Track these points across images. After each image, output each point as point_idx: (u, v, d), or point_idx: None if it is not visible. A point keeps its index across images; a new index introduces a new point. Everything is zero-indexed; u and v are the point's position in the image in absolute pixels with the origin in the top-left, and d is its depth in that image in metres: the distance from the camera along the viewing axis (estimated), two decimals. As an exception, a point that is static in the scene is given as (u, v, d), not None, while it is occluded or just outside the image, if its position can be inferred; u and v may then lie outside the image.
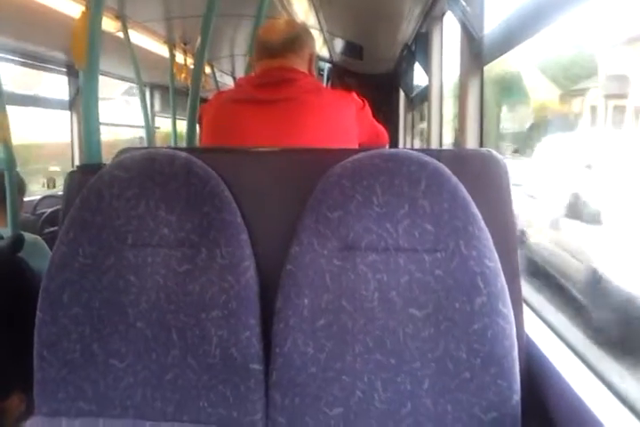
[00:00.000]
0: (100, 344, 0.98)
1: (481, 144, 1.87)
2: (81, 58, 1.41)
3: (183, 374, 0.97)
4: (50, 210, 3.49)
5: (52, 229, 3.25)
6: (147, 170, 1.00)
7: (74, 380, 0.99)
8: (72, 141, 4.17)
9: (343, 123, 1.44)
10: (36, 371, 0.99)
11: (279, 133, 1.37)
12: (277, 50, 1.48)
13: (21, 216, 2.26)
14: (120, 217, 0.99)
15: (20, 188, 2.19)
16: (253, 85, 1.46)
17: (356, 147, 1.45)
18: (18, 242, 1.86)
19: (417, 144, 4.73)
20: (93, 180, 1.00)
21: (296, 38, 1.52)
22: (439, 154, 1.00)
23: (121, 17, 3.11)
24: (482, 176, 1.01)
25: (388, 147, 1.61)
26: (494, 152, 1.03)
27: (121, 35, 3.22)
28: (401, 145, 4.76)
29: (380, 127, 1.63)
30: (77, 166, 1.18)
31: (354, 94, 1.50)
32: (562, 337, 1.13)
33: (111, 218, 0.99)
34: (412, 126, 4.62)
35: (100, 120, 1.55)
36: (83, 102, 1.43)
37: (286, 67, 1.47)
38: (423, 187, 0.94)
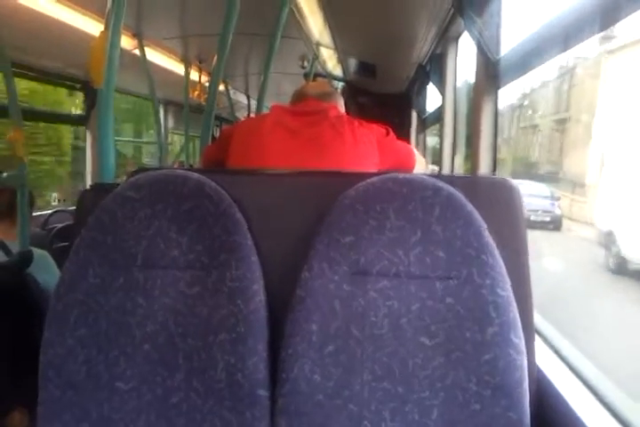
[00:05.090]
0: (106, 366, 0.97)
1: (494, 170, 1.85)
2: (99, 76, 1.42)
3: (188, 399, 0.96)
4: (60, 225, 3.50)
5: (61, 244, 3.26)
6: (159, 191, 0.99)
7: (78, 402, 0.97)
8: (86, 159, 4.12)
9: (365, 153, 1.53)
10: (40, 392, 0.98)
11: (302, 160, 1.45)
12: (313, 96, 1.69)
13: (31, 231, 2.27)
14: (131, 238, 0.99)
15: (30, 202, 2.20)
16: (287, 112, 1.60)
17: None
18: (26, 258, 1.86)
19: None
20: (106, 199, 1.00)
21: (330, 93, 1.76)
22: (453, 180, 0.99)
23: (137, 35, 3.15)
24: (496, 204, 0.99)
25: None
26: (509, 179, 1.02)
27: (137, 52, 3.26)
28: None
29: (407, 151, 1.69)
30: (91, 185, 1.18)
31: (375, 125, 1.61)
32: (573, 368, 1.10)
33: (122, 239, 0.99)
34: (424, 147, 4.62)
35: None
36: (98, 120, 1.44)
37: (320, 102, 1.65)
38: (437, 213, 0.93)
